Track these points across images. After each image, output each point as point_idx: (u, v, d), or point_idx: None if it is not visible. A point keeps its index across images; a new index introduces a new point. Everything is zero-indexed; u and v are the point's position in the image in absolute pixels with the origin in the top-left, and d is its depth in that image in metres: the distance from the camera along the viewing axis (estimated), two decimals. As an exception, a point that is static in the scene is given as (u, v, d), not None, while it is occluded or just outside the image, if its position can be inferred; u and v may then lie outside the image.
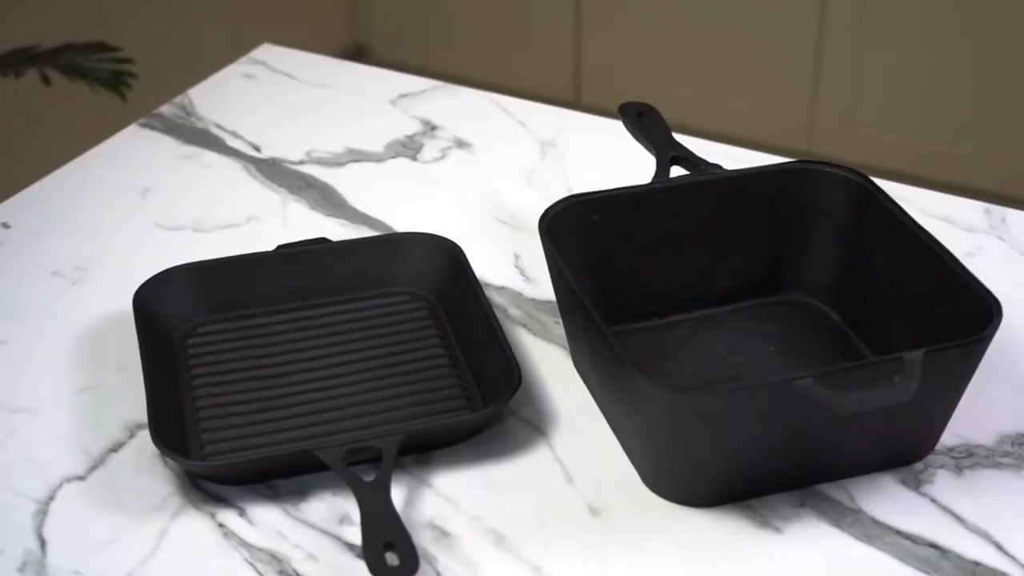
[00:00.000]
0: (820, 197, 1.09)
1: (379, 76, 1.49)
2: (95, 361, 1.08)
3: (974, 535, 0.91)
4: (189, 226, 1.24)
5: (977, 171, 2.63)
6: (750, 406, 0.88)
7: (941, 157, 2.68)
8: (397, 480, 0.95)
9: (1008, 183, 2.58)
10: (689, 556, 0.90)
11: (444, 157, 1.34)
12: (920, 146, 2.71)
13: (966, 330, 0.93)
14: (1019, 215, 1.23)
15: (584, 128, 1.38)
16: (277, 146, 1.35)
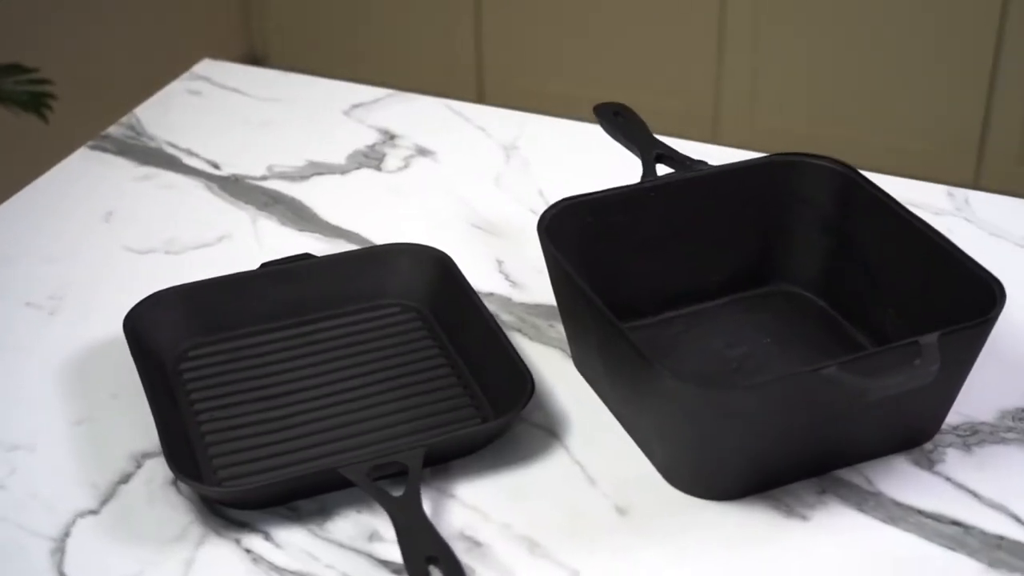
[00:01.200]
0: (804, 188, 1.10)
1: (329, 87, 1.47)
2: (87, 392, 1.05)
3: (992, 510, 0.93)
4: (160, 248, 1.21)
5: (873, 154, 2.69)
6: (780, 398, 0.89)
7: (840, 141, 2.74)
8: (421, 493, 0.94)
9: (900, 165, 2.64)
10: (722, 549, 0.91)
11: (408, 166, 1.33)
12: (819, 132, 2.76)
13: (965, 311, 0.95)
14: (980, 196, 1.27)
15: (544, 131, 1.38)
16: (236, 163, 1.33)
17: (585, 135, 1.38)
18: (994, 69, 2.61)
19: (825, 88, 2.74)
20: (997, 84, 2.61)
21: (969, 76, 2.61)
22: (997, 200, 1.26)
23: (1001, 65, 2.60)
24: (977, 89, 2.63)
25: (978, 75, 2.60)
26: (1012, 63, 2.57)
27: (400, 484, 0.92)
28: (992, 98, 2.64)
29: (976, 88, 2.63)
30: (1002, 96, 2.61)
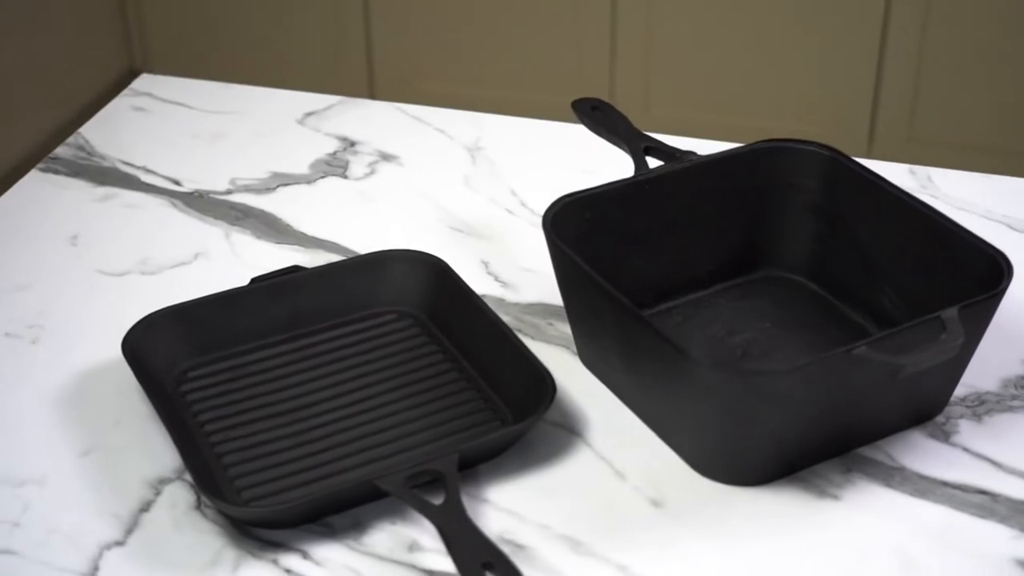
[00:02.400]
0: (791, 173, 1.12)
1: (277, 96, 1.45)
2: (87, 421, 1.02)
3: (1014, 476, 0.96)
4: (135, 269, 1.18)
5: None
6: (815, 380, 0.90)
7: (736, 128, 2.78)
8: (456, 499, 0.94)
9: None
10: (763, 535, 0.92)
11: (374, 172, 1.31)
12: (713, 120, 2.79)
13: (968, 285, 0.98)
14: (942, 172, 1.30)
15: (505, 130, 1.38)
16: (197, 178, 1.30)
17: (545, 132, 1.39)
18: (882, 47, 2.67)
19: (717, 76, 2.77)
20: (885, 63, 2.68)
21: (856, 56, 2.67)
22: (958, 175, 1.29)
23: (888, 44, 2.66)
24: (866, 68, 2.69)
25: (866, 55, 2.66)
26: (898, 41, 2.63)
27: (433, 492, 0.91)
28: (880, 78, 2.71)
29: (865, 67, 2.69)
30: (890, 75, 2.67)
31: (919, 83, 2.65)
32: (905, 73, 2.65)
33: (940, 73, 2.64)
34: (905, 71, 2.65)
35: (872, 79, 2.69)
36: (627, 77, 2.83)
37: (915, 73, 2.66)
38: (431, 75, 2.88)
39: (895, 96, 2.68)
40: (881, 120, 2.74)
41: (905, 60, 2.64)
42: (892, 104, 2.69)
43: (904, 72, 2.65)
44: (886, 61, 2.66)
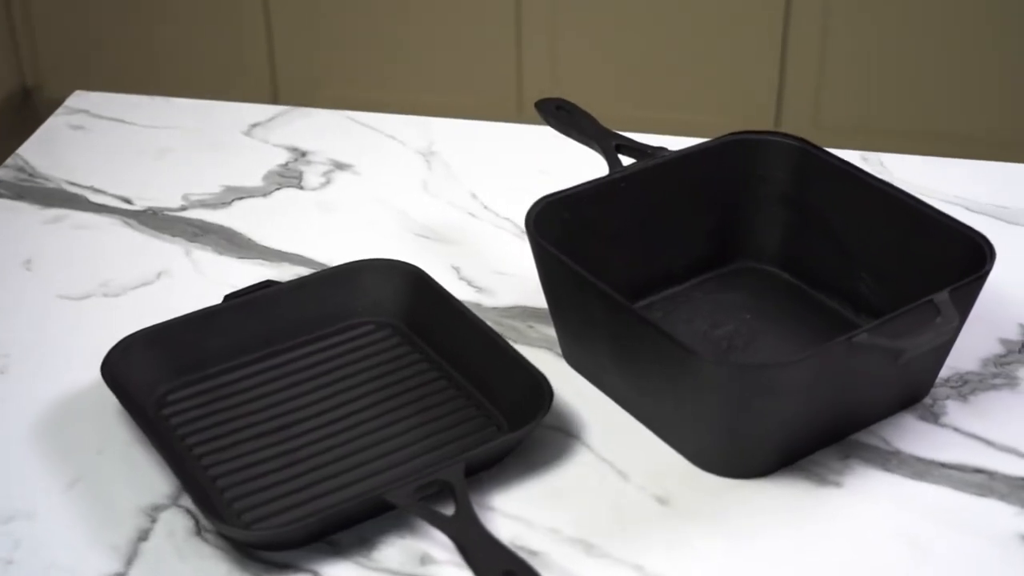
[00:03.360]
0: (761, 165, 1.13)
1: (220, 108, 1.42)
2: (68, 451, 0.99)
3: (1007, 453, 0.97)
4: (97, 292, 1.15)
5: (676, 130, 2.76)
6: (818, 369, 0.90)
7: (647, 122, 2.79)
8: (460, 509, 0.92)
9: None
10: (771, 525, 0.92)
11: (330, 182, 1.30)
12: (624, 115, 2.81)
13: (948, 267, 0.99)
14: (894, 158, 1.31)
15: (455, 134, 1.37)
16: (148, 195, 1.27)
17: (497, 134, 1.38)
18: (784, 36, 2.71)
19: (624, 71, 2.79)
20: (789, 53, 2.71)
21: (761, 46, 2.70)
22: (910, 160, 1.31)
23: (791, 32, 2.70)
24: (770, 59, 2.72)
25: (770, 45, 2.70)
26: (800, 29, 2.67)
27: (439, 503, 0.90)
28: (784, 67, 2.74)
29: (769, 58, 2.72)
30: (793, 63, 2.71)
31: (823, 70, 2.70)
32: (808, 61, 2.69)
33: (842, 60, 2.68)
34: (808, 59, 2.69)
35: (776, 68, 2.73)
36: (534, 75, 2.83)
37: (818, 61, 2.70)
38: (334, 81, 2.86)
39: (799, 84, 2.72)
40: (787, 108, 2.78)
41: (808, 48, 2.68)
42: (797, 92, 2.73)
43: (807, 60, 2.69)
44: (789, 50, 2.70)
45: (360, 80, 2.83)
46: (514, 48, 2.80)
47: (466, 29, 2.79)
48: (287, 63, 2.90)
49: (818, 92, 2.70)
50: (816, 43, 2.68)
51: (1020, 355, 1.06)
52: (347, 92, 2.80)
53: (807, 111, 2.73)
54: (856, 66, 2.66)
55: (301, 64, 2.89)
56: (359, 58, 2.85)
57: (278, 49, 2.89)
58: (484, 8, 2.76)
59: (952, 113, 2.63)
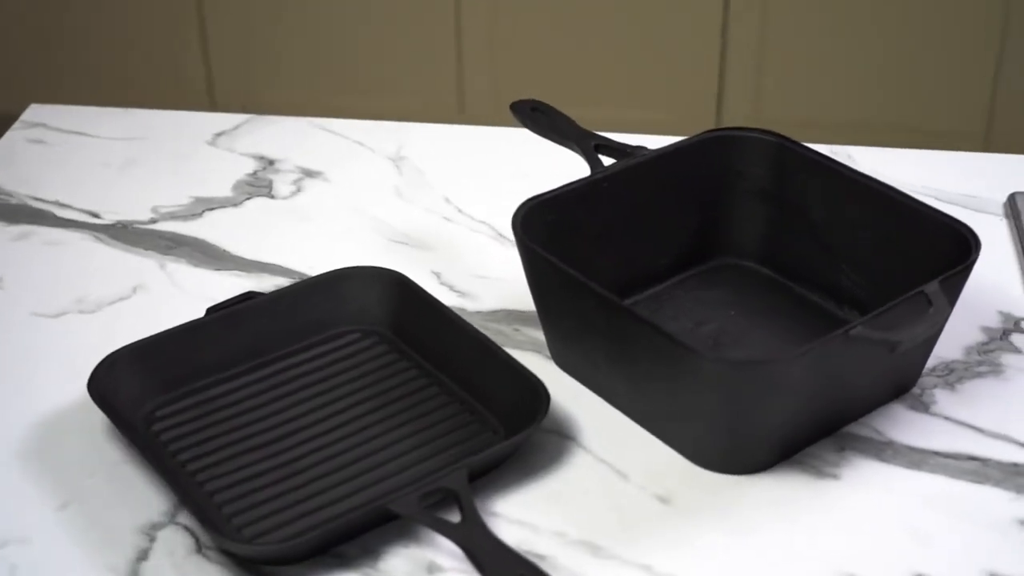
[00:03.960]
0: (738, 161, 1.13)
1: (182, 118, 1.40)
2: (58, 471, 0.97)
3: (998, 440, 0.99)
4: (72, 309, 1.13)
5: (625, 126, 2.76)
6: (817, 363, 0.91)
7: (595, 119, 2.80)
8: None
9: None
10: (773, 520, 0.92)
11: (300, 190, 1.28)
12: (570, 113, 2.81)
13: (932, 259, 1.00)
14: (862, 151, 1.33)
15: (423, 138, 1.36)
16: (117, 209, 1.25)
17: (466, 138, 1.38)
18: (724, 29, 2.73)
19: (567, 68, 2.79)
20: (728, 47, 2.73)
21: (699, 42, 2.72)
22: (878, 152, 1.33)
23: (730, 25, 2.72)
24: (710, 53, 2.74)
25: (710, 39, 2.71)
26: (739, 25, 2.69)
27: (443, 510, 0.89)
28: (724, 62, 2.76)
29: (709, 52, 2.74)
30: (733, 58, 2.73)
31: (762, 65, 2.72)
32: (747, 55, 2.72)
33: (781, 54, 2.71)
34: (747, 53, 2.71)
35: (716, 62, 2.75)
36: (475, 76, 2.83)
37: (757, 55, 2.73)
38: (271, 87, 2.84)
39: (739, 80, 2.75)
40: (727, 102, 2.80)
41: (747, 42, 2.70)
42: (737, 88, 2.75)
43: (746, 54, 2.72)
44: (729, 45, 2.72)
45: (298, 86, 2.82)
46: (454, 50, 2.80)
47: (404, 32, 2.78)
48: (224, 72, 2.88)
49: (758, 87, 2.73)
50: (755, 38, 2.70)
51: (1002, 342, 1.08)
52: (285, 97, 2.79)
53: (747, 106, 2.76)
54: (795, 61, 2.69)
55: (238, 73, 2.87)
56: (295, 65, 2.84)
57: (214, 58, 2.86)
58: (422, 11, 2.76)
59: (893, 104, 2.67)
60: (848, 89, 2.65)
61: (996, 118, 2.67)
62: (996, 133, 2.67)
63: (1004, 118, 2.66)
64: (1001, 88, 2.63)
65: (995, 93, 2.63)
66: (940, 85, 2.61)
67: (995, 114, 2.68)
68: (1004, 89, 2.63)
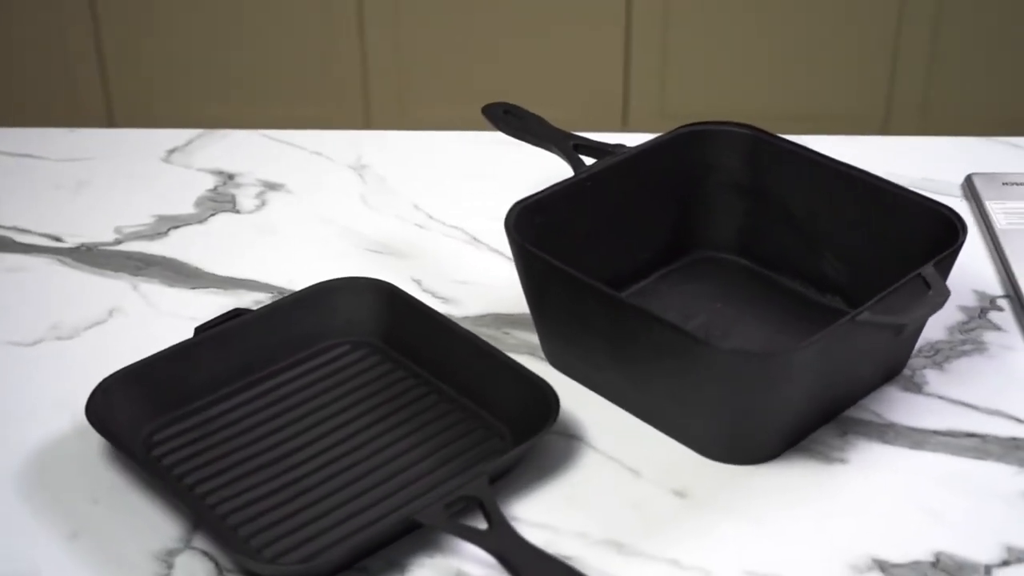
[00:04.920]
0: (712, 155, 1.14)
1: (131, 136, 1.38)
2: (62, 501, 0.95)
3: (991, 415, 1.01)
4: (49, 336, 1.10)
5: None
6: (826, 350, 0.92)
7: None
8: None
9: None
10: (790, 507, 0.94)
11: (265, 203, 1.27)
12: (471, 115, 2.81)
13: (916, 243, 1.03)
14: (811, 139, 1.34)
15: (381, 145, 1.35)
16: (78, 231, 1.22)
17: (423, 144, 1.37)
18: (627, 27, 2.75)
19: (471, 70, 2.79)
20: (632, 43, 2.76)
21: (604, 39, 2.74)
22: (827, 140, 1.34)
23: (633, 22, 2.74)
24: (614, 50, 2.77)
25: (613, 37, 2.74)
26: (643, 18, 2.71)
27: (465, 518, 0.89)
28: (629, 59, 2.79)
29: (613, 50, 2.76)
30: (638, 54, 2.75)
31: (666, 59, 2.75)
32: (654, 50, 2.74)
33: (686, 48, 2.74)
34: (654, 49, 2.74)
35: (621, 61, 2.77)
36: (380, 80, 2.82)
37: (662, 50, 2.75)
38: (168, 98, 2.80)
39: (645, 75, 2.77)
40: (633, 98, 2.83)
41: (652, 36, 2.73)
42: (643, 82, 2.78)
43: (653, 49, 2.74)
44: (633, 40, 2.74)
45: (196, 97, 2.78)
46: (359, 55, 2.78)
47: (306, 41, 2.76)
48: (120, 86, 2.82)
49: (663, 82, 2.76)
50: (658, 33, 2.73)
51: (982, 320, 1.10)
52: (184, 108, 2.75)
53: (654, 102, 2.79)
54: (699, 54, 2.72)
55: (134, 86, 2.82)
56: (192, 77, 2.79)
57: (111, 72, 2.81)
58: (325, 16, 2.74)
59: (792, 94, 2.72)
60: (751, 80, 2.70)
61: (895, 103, 2.74)
62: (894, 117, 2.74)
63: (902, 103, 2.73)
64: (899, 74, 2.70)
65: (893, 79, 2.70)
66: (839, 73, 2.67)
67: (893, 99, 2.75)
68: (902, 75, 2.70)
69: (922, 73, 2.68)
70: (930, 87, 2.70)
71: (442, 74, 2.78)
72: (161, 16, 2.73)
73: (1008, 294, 1.13)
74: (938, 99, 2.71)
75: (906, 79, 2.69)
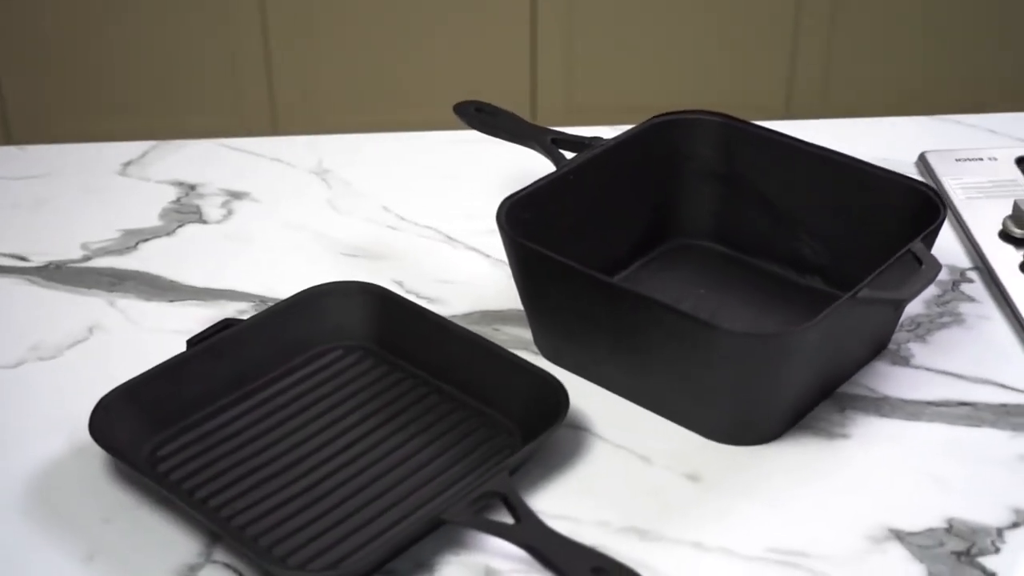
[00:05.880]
0: (686, 143, 1.16)
1: (82, 150, 1.34)
2: (73, 524, 0.93)
3: (979, 384, 1.04)
4: (31, 357, 1.08)
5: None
6: (829, 328, 0.94)
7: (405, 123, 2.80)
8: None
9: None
10: (803, 483, 0.95)
11: (232, 212, 1.25)
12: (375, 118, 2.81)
13: (895, 221, 1.06)
14: (775, 124, 1.37)
15: (339, 149, 1.35)
16: (43, 249, 1.20)
17: (381, 145, 1.36)
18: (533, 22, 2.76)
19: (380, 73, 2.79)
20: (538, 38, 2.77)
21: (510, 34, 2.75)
22: (785, 124, 1.37)
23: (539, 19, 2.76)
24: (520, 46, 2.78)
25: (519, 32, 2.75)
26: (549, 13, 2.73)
27: (488, 514, 0.90)
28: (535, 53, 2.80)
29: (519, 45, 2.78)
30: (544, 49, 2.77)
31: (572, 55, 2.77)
32: (559, 45, 2.76)
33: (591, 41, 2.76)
34: (559, 43, 2.76)
35: (528, 58, 2.79)
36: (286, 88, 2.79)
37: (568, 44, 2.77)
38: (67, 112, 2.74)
39: (551, 69, 2.79)
40: (541, 96, 2.84)
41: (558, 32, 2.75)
42: (549, 77, 2.79)
43: (558, 44, 2.76)
44: (539, 37, 2.76)
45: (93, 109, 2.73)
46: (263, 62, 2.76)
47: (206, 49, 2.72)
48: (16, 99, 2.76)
49: (569, 75, 2.78)
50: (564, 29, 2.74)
51: (955, 292, 1.14)
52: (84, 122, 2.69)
53: (561, 96, 2.80)
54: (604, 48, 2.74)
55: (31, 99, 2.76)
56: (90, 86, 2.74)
57: (5, 86, 2.75)
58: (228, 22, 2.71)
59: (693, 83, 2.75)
60: (656, 73, 2.73)
61: (795, 90, 2.80)
62: (795, 105, 2.80)
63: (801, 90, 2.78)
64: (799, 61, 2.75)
65: (793, 66, 2.75)
66: (739, 62, 2.71)
67: (794, 86, 2.80)
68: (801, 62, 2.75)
69: (820, 59, 2.74)
70: (829, 72, 2.75)
71: (349, 78, 2.76)
72: (55, 33, 2.67)
73: (976, 266, 1.17)
74: (836, 84, 2.77)
75: (806, 65, 2.75)
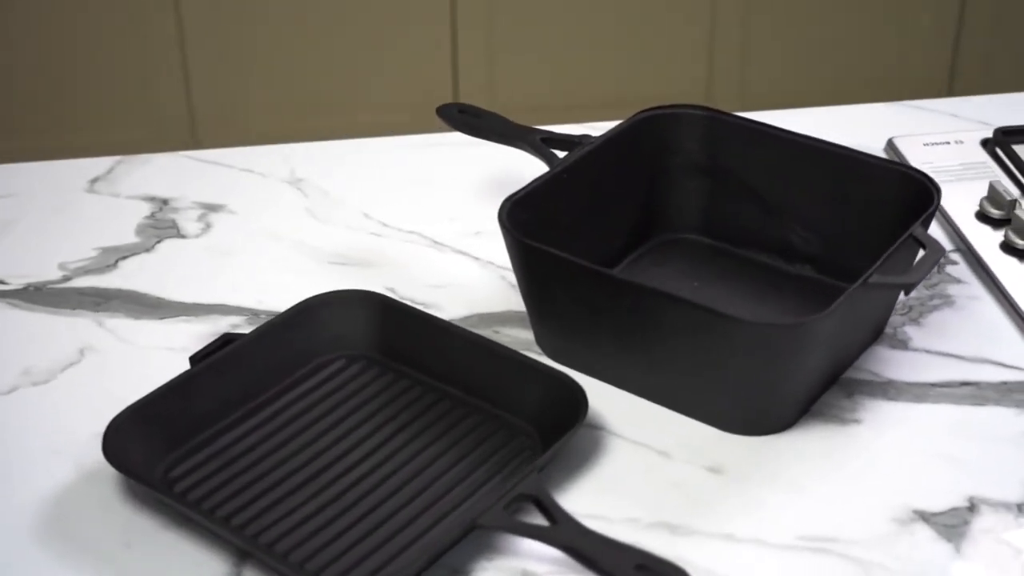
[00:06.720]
0: (671, 138, 1.16)
1: (41, 170, 1.30)
2: (92, 550, 0.91)
3: (978, 363, 1.06)
4: (23, 383, 1.05)
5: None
6: (843, 315, 0.95)
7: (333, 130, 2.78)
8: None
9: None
10: (824, 471, 0.96)
11: (210, 225, 1.23)
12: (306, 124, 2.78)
13: (887, 207, 1.07)
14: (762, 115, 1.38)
15: (310, 157, 1.33)
16: (20, 272, 1.17)
17: (353, 152, 1.35)
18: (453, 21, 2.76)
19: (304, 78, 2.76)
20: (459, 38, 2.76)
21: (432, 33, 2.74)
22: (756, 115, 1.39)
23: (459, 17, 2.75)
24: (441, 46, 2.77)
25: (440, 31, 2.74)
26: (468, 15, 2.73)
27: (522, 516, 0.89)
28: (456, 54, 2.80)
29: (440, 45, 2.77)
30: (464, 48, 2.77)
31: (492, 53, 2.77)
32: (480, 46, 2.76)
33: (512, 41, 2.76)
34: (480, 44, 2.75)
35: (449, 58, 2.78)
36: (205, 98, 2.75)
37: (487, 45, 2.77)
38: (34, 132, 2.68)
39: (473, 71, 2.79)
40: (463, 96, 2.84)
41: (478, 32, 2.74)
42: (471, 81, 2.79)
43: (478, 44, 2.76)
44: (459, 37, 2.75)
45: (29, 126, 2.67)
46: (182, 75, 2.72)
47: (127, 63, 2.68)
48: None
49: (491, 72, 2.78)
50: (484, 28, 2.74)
51: (942, 275, 1.15)
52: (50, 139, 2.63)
53: (484, 92, 2.80)
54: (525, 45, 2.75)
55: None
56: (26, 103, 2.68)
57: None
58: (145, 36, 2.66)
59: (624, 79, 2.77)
60: (576, 70, 2.74)
61: (715, 82, 2.83)
62: (716, 97, 2.83)
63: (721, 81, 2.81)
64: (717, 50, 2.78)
65: (712, 57, 2.78)
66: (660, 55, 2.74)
67: (714, 78, 2.83)
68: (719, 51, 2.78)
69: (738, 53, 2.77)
70: (747, 65, 2.79)
71: (270, 84, 2.73)
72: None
73: (958, 247, 1.19)
74: (755, 77, 2.80)
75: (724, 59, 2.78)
